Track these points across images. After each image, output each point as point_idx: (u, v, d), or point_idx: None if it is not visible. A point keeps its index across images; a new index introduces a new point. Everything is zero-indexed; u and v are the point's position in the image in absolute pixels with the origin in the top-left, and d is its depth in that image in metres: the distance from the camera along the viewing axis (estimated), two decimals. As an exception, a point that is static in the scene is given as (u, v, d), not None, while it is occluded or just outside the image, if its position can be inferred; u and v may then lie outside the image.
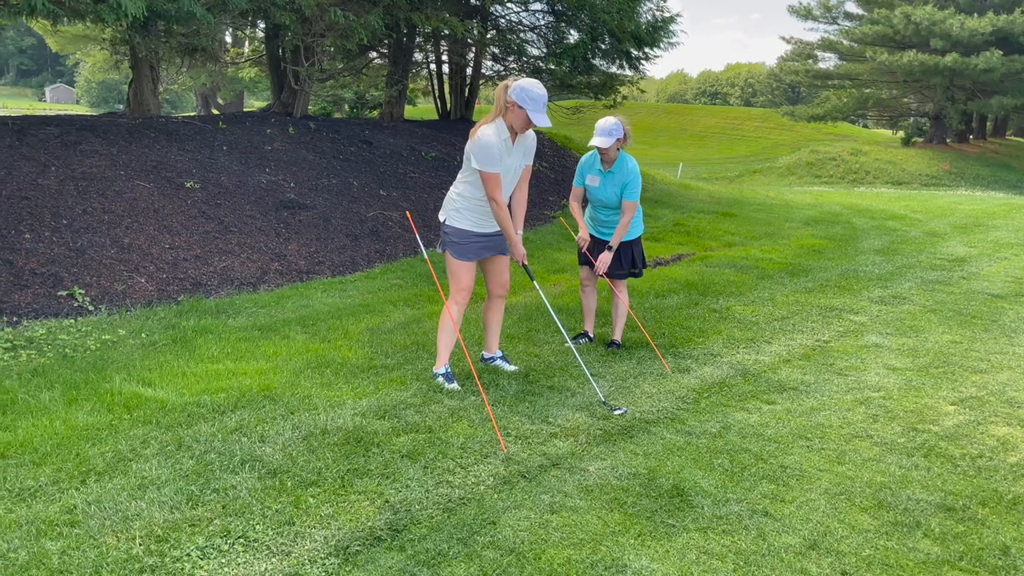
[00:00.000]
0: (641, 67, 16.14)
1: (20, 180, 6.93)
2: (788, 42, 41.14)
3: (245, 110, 22.01)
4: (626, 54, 15.09)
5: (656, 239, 11.21)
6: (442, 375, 4.98)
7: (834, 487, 3.75)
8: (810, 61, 40.63)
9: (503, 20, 14.74)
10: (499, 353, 5.40)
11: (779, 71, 48.23)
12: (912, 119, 43.42)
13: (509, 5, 13.66)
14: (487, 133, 4.67)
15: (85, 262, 6.30)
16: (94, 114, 10.01)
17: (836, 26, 38.29)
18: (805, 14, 38.50)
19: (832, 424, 4.55)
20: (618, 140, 5.45)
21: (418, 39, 12.87)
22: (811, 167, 33.31)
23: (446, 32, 12.02)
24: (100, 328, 5.57)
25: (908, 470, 3.96)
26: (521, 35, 14.32)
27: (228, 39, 24.33)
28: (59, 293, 5.88)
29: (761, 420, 4.59)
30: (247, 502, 3.38)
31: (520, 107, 4.59)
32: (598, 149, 5.49)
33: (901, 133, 41.90)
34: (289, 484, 3.55)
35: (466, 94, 16.40)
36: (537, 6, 14.18)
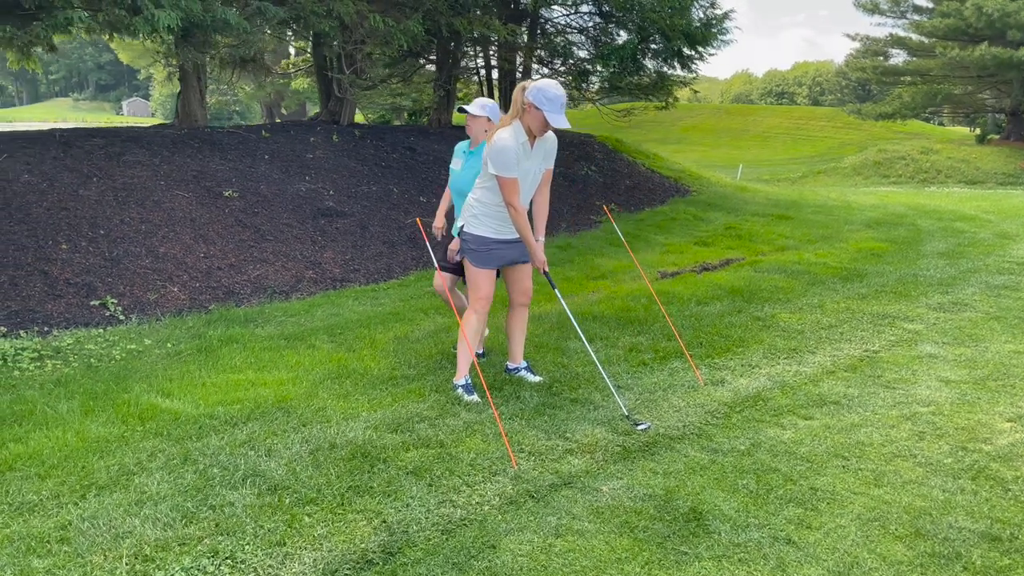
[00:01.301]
0: (694, 67, 15.78)
1: (61, 191, 7.05)
2: (854, 39, 39.87)
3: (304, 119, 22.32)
4: (678, 53, 14.76)
5: (705, 243, 10.89)
6: (462, 387, 4.83)
7: (867, 512, 3.47)
8: (880, 58, 39.30)
9: (549, 24, 14.57)
10: (523, 363, 5.23)
11: (847, 68, 46.88)
12: (989, 115, 41.62)
13: (556, 8, 13.49)
14: (503, 136, 4.51)
15: (119, 272, 6.35)
16: (143, 125, 10.22)
17: (905, 20, 36.94)
18: (872, 8, 37.25)
19: (873, 442, 4.24)
20: (488, 121, 5.11)
21: (465, 45, 12.78)
22: (879, 167, 32.19)
23: (494, 37, 11.91)
24: (127, 338, 5.60)
25: (952, 494, 3.65)
26: (568, 37, 14.12)
27: (291, 50, 24.78)
28: (91, 303, 5.94)
29: (796, 437, 4.30)
30: (241, 520, 3.28)
31: (537, 108, 4.42)
32: (467, 116, 5.12)
33: (977, 130, 40.16)
34: (287, 501, 3.44)
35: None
36: (584, 8, 13.98)
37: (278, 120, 30.09)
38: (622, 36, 14.24)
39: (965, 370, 5.48)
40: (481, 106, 5.08)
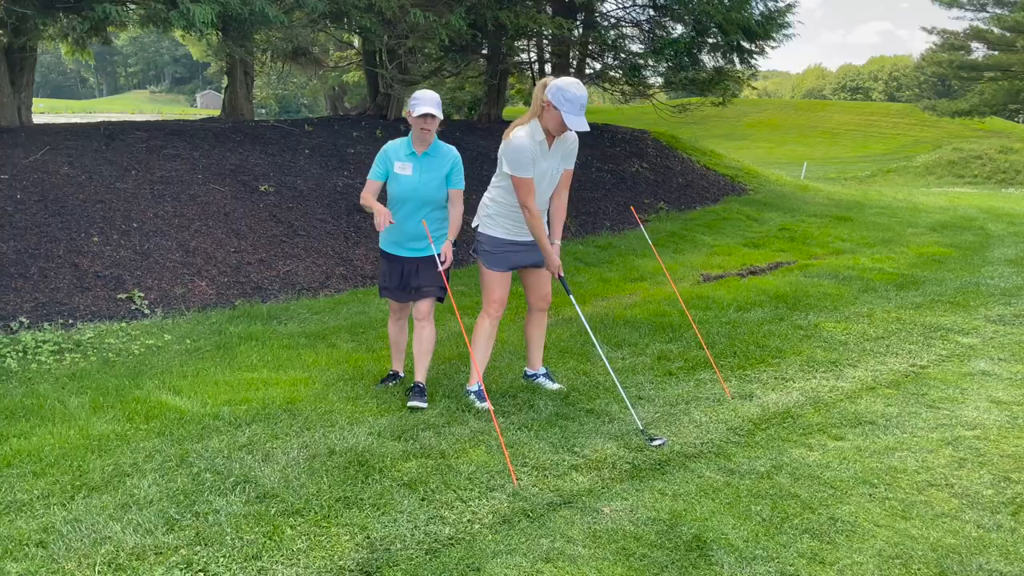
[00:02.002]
0: (753, 61, 15.28)
1: (99, 184, 7.13)
2: (931, 32, 38.32)
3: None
4: (735, 48, 14.30)
5: (756, 245, 10.49)
6: (474, 393, 4.68)
7: (890, 548, 3.19)
8: (960, 53, 37.67)
9: (602, 17, 14.26)
10: (542, 370, 5.05)
11: (924, 63, 45.16)
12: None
13: (609, 1, 13.18)
14: (519, 135, 4.34)
15: (149, 265, 6.38)
16: (191, 119, 10.35)
17: (985, 13, 35.36)
18: (950, 2, 35.76)
19: (906, 468, 3.93)
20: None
21: (514, 39, 12.59)
22: (953, 166, 30.86)
23: (547, 32, 11.70)
24: (149, 332, 5.60)
25: (988, 531, 3.33)
26: (621, 30, 13.81)
27: (356, 43, 24.95)
28: (118, 296, 5.96)
29: (822, 459, 4.02)
30: (222, 530, 3.18)
31: (556, 108, 4.22)
32: (427, 118, 4.36)
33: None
34: (272, 511, 3.33)
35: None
36: (640, 0, 13.64)
37: (341, 113, 30.40)
38: (677, 30, 13.86)
39: (1020, 390, 5.09)
40: (437, 104, 4.39)
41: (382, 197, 4.61)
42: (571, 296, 4.63)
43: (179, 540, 3.11)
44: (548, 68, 16.40)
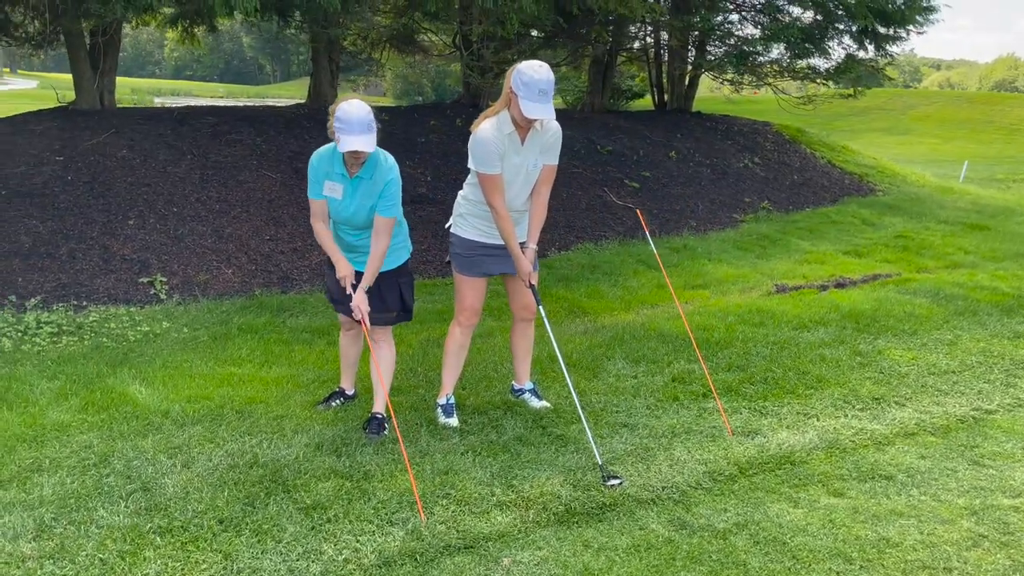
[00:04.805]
0: (891, 48, 13.87)
1: (151, 167, 7.27)
2: None
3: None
4: (867, 33, 13.00)
5: (858, 254, 9.44)
6: (441, 407, 4.31)
7: (828, 650, 2.57)
8: None
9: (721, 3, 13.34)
10: (529, 385, 4.61)
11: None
12: None
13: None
14: (484, 128, 3.92)
15: (179, 250, 6.41)
16: (279, 104, 10.52)
17: None
18: None
19: (904, 542, 3.23)
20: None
21: (612, 26, 11.98)
22: None
23: (641, 17, 11.05)
24: (153, 319, 5.59)
25: (970, 642, 2.64)
26: (727, 16, 12.87)
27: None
28: (140, 280, 6.02)
29: (803, 520, 3.38)
30: (83, 544, 3.00)
31: (514, 94, 3.77)
32: (353, 153, 3.67)
33: None
34: (147, 527, 3.12)
35: (685, 83, 15.17)
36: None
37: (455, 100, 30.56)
38: (795, 12, 12.76)
39: (1103, 452, 4.15)
40: (370, 126, 3.65)
41: None
42: (541, 307, 4.15)
43: (37, 550, 2.96)
44: (665, 55, 15.60)
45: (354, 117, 3.62)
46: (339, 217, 3.96)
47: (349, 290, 3.91)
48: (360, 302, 3.86)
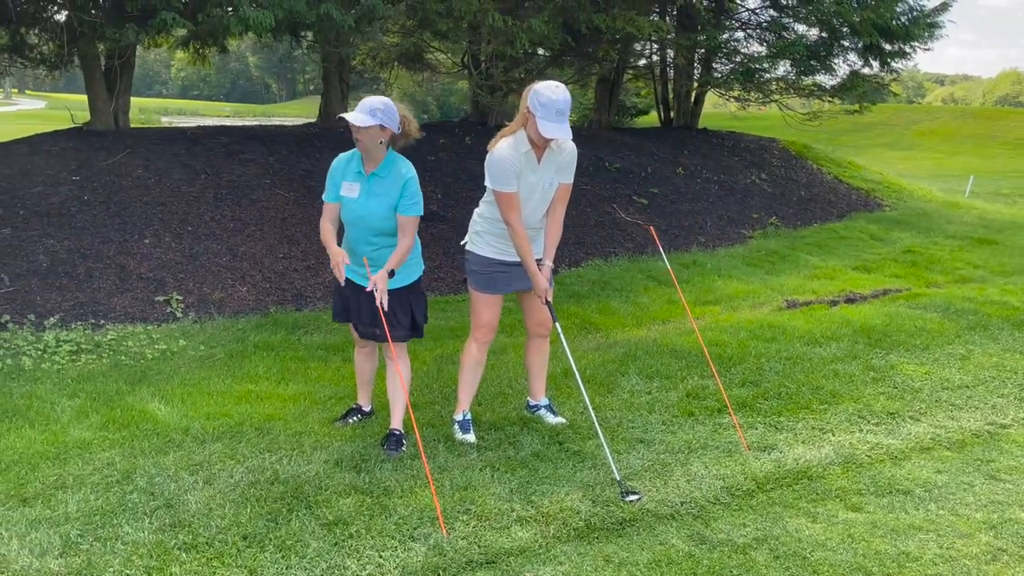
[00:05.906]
0: (895, 64, 13.95)
1: (166, 186, 7.34)
2: None
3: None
4: (871, 49, 13.09)
5: (868, 269, 9.46)
6: (458, 423, 4.34)
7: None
8: None
9: (726, 21, 13.47)
10: (544, 401, 4.64)
11: None
12: None
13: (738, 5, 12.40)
14: (502, 147, 3.99)
15: (194, 268, 6.47)
16: (289, 124, 10.63)
17: None
18: None
19: (923, 556, 3.24)
20: (381, 128, 3.80)
21: (618, 44, 12.08)
22: None
23: (646, 36, 11.16)
24: (170, 337, 5.64)
25: (993, 656, 2.65)
26: (733, 33, 12.97)
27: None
28: (157, 298, 6.07)
29: (822, 535, 3.40)
30: (110, 561, 3.03)
31: (532, 114, 3.83)
32: (355, 128, 3.75)
33: None
34: (172, 544, 3.15)
35: (691, 99, 15.26)
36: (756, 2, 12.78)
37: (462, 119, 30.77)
38: (802, 31, 12.86)
39: (1120, 466, 4.16)
40: (370, 111, 3.75)
41: None
42: (557, 324, 4.18)
43: (64, 567, 2.99)
44: (671, 72, 15.71)
45: (365, 100, 3.82)
46: (353, 217, 3.96)
47: (342, 277, 3.88)
48: (379, 279, 3.83)
